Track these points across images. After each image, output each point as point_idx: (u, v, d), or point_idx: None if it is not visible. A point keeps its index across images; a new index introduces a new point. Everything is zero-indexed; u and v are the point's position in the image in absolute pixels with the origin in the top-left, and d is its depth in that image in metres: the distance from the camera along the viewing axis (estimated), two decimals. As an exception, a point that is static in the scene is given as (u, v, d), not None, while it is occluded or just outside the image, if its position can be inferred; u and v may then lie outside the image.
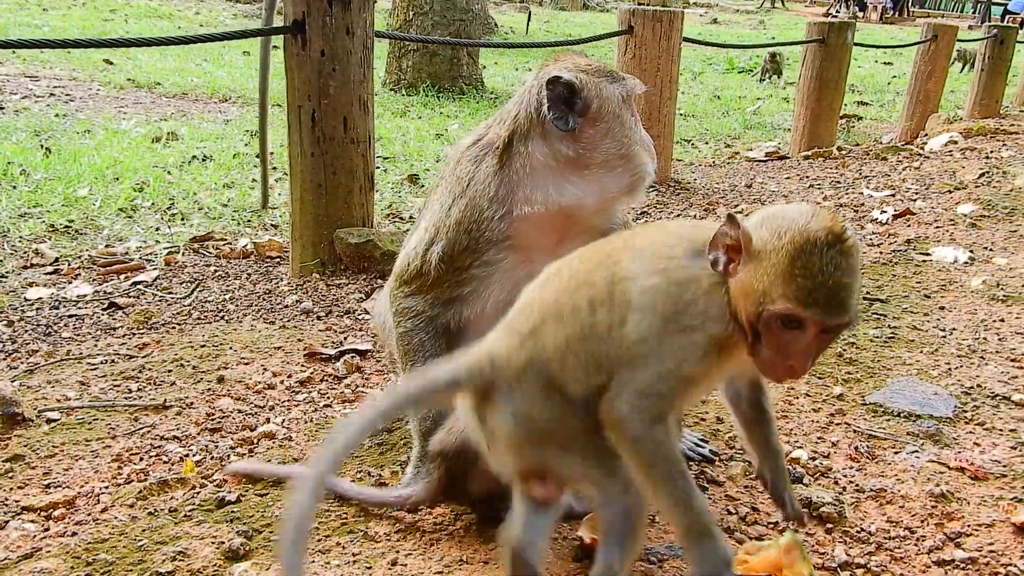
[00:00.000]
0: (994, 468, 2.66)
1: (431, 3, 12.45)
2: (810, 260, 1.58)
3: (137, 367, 3.58)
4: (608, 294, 1.74)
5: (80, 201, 6.29)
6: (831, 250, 1.59)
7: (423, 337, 2.48)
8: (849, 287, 1.61)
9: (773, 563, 2.05)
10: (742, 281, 1.64)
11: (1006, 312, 4.07)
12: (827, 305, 1.59)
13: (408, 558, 2.11)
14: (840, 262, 1.59)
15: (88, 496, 2.51)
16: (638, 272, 1.73)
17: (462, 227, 2.39)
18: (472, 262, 2.39)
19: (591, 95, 2.34)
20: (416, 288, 2.49)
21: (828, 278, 1.58)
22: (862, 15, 34.83)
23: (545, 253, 2.37)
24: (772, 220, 1.65)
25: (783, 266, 1.59)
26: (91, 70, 12.01)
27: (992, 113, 12.50)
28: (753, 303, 1.62)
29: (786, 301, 1.59)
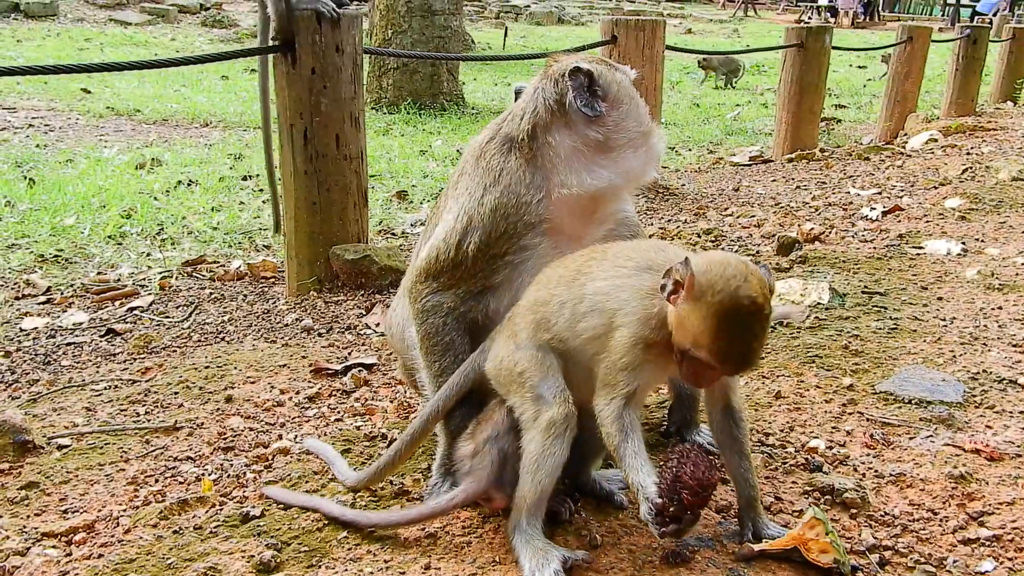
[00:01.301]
0: (1009, 449, 2.69)
1: (409, 22, 12.52)
2: (732, 325, 1.91)
3: (142, 391, 3.55)
4: (579, 295, 2.17)
5: (68, 230, 6.24)
6: (751, 317, 1.92)
7: (453, 335, 2.46)
8: (759, 348, 1.97)
9: (797, 538, 2.07)
10: (679, 315, 1.97)
11: (1003, 300, 4.12)
12: (739, 362, 1.98)
13: (441, 562, 2.10)
14: (755, 328, 1.94)
15: (107, 520, 2.48)
16: (596, 275, 2.17)
17: (499, 213, 2.39)
18: (508, 248, 2.40)
19: (609, 81, 2.46)
20: (445, 282, 2.46)
21: (743, 342, 1.94)
22: (833, 21, 35.28)
23: (574, 238, 2.43)
24: (713, 272, 1.93)
25: (710, 323, 1.91)
26: (69, 100, 11.95)
27: (968, 111, 12.69)
28: (682, 338, 1.98)
29: (706, 353, 1.94)
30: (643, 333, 2.04)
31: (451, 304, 2.46)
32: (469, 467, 2.21)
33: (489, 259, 2.41)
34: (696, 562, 2.10)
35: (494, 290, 2.44)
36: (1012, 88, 14.97)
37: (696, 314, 1.92)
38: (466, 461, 2.23)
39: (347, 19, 4.58)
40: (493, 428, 2.22)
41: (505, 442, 2.19)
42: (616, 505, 2.37)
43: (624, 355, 2.06)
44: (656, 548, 2.15)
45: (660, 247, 2.23)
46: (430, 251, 2.50)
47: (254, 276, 5.42)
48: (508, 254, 2.40)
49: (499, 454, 2.17)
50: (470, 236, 2.41)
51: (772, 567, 2.09)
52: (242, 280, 5.38)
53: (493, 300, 2.45)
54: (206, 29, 21.74)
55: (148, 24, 21.59)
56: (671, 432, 2.78)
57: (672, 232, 5.63)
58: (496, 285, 2.44)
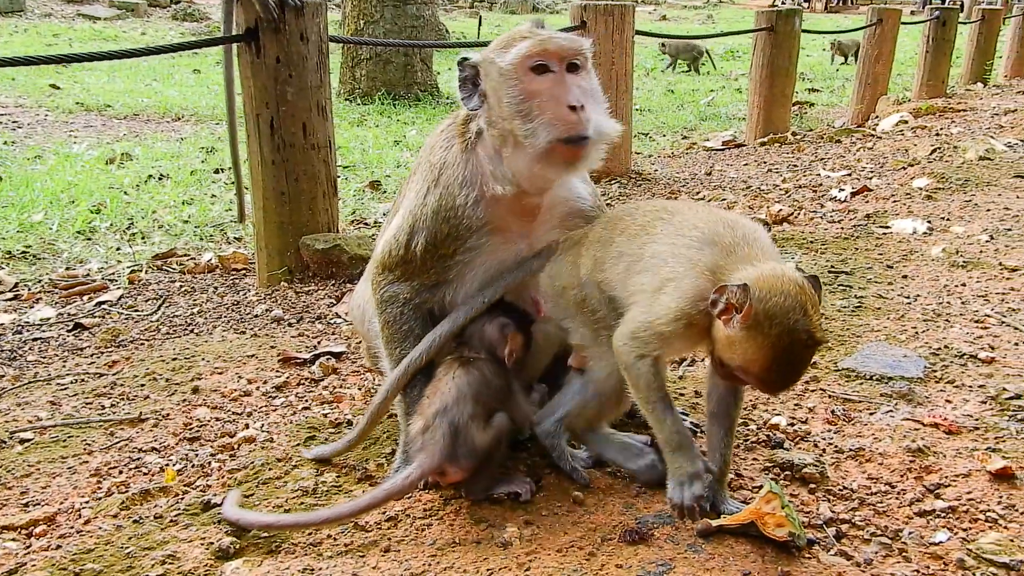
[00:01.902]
0: (967, 422, 2.73)
1: (381, 11, 12.44)
2: (785, 358, 1.91)
3: (108, 384, 3.52)
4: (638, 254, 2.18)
5: (36, 226, 6.17)
6: (805, 351, 1.92)
7: (411, 324, 2.47)
8: (803, 374, 2.00)
9: (754, 512, 2.11)
10: (729, 335, 1.95)
11: (966, 277, 4.17)
12: (781, 388, 2.02)
13: (400, 544, 2.11)
14: (806, 359, 1.95)
15: (69, 512, 2.47)
16: (659, 238, 2.16)
17: (439, 216, 2.39)
18: (456, 249, 2.40)
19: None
20: (400, 275, 2.48)
21: (792, 374, 1.96)
22: (807, 5, 35.45)
23: (523, 233, 2.40)
24: (772, 303, 1.89)
25: (764, 354, 1.90)
26: (38, 96, 11.81)
27: (939, 93, 12.80)
28: (729, 357, 1.98)
29: (754, 379, 1.98)
30: (688, 311, 2.02)
31: (407, 295, 2.48)
32: (421, 443, 2.20)
33: (438, 258, 2.42)
34: (655, 539, 2.12)
35: (448, 283, 2.46)
36: (982, 69, 15.12)
37: (749, 342, 1.91)
38: (418, 438, 2.22)
39: (311, 7, 4.54)
40: (441, 400, 2.22)
41: (455, 413, 2.19)
42: (580, 483, 2.38)
43: (665, 323, 2.04)
44: (617, 526, 2.17)
45: (730, 222, 2.14)
46: (384, 246, 2.53)
47: (225, 268, 5.39)
48: (457, 254, 2.41)
49: (449, 427, 2.17)
50: (416, 237, 2.42)
51: (730, 541, 2.11)
52: (213, 272, 5.35)
53: (449, 292, 2.47)
54: (176, 23, 21.53)
55: (117, 19, 21.36)
56: (635, 412, 2.78)
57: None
58: (450, 279, 2.46)
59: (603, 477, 2.41)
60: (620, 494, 2.33)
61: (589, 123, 2.22)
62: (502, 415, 2.27)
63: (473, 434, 2.19)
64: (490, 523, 2.16)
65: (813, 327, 1.90)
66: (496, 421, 2.25)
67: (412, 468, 2.18)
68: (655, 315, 2.05)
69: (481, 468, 2.22)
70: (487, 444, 2.20)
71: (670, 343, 2.07)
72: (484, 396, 2.26)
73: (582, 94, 2.24)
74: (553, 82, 2.24)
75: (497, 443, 2.23)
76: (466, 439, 2.16)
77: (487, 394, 2.27)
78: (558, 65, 2.25)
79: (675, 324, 2.02)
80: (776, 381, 1.97)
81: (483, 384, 2.28)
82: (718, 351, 2.01)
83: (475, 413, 2.21)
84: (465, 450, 2.16)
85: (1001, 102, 11.33)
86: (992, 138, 7.84)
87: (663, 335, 2.05)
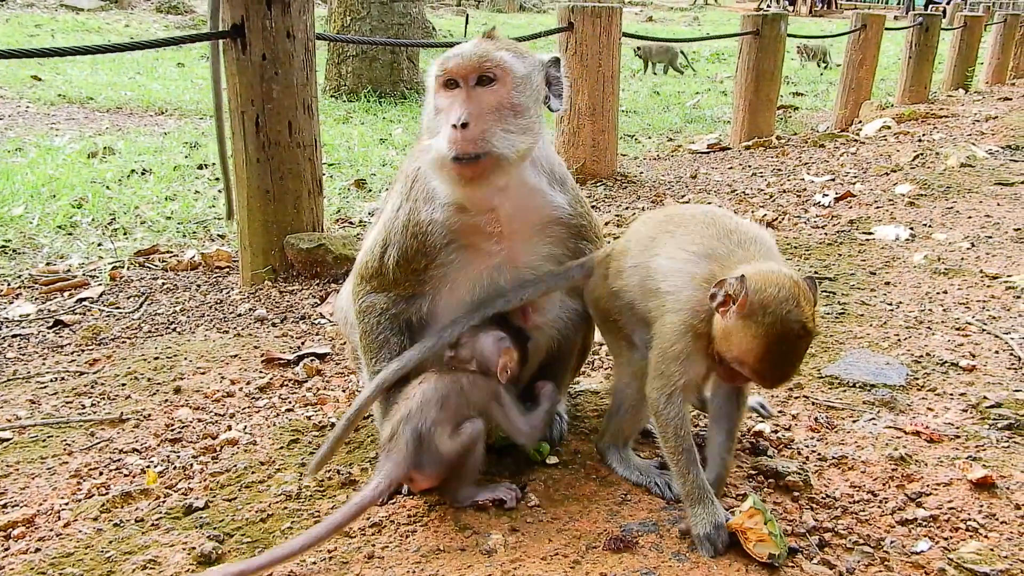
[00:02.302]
0: (948, 430, 2.75)
1: (368, 8, 12.38)
2: (778, 348, 1.96)
3: (89, 383, 3.49)
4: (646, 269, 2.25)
5: (15, 220, 6.10)
6: (798, 341, 1.97)
7: (387, 334, 2.47)
8: (798, 367, 2.04)
9: (736, 526, 2.11)
10: (727, 326, 2.01)
11: (948, 284, 4.21)
12: (777, 381, 2.08)
13: (384, 551, 2.10)
14: (800, 349, 1.99)
15: (48, 513, 2.44)
16: (661, 252, 2.23)
17: (408, 232, 2.39)
18: (427, 264, 2.40)
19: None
20: (376, 286, 2.49)
21: (786, 365, 2.00)
22: (792, 9, 35.66)
23: (496, 247, 2.38)
24: (767, 293, 1.96)
25: (757, 344, 1.95)
26: (19, 87, 11.67)
27: (922, 98, 12.90)
28: (726, 349, 2.03)
29: (748, 370, 2.01)
30: (692, 322, 2.09)
31: (384, 305, 2.48)
32: (387, 451, 2.19)
33: (411, 272, 2.42)
34: (640, 547, 2.12)
35: (424, 296, 2.46)
36: (964, 76, 15.26)
37: (744, 332, 1.97)
38: (385, 445, 2.21)
39: (298, 4, 4.51)
40: (406, 406, 2.20)
41: (418, 420, 2.16)
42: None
43: (675, 343, 2.11)
44: (601, 534, 2.17)
45: (729, 230, 2.20)
46: (362, 256, 2.55)
47: (208, 266, 5.35)
48: (429, 269, 2.40)
49: (412, 433, 2.15)
50: (389, 251, 2.43)
51: (714, 550, 2.12)
52: (195, 270, 5.30)
53: (426, 304, 2.47)
54: (161, 15, 21.35)
55: (101, 10, 21.15)
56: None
57: (629, 219, 5.65)
58: (425, 292, 2.45)
59: (588, 484, 2.41)
60: (605, 501, 2.33)
61: (471, 141, 2.15)
62: (473, 423, 2.23)
63: (438, 441, 2.15)
64: (475, 530, 2.16)
65: (806, 318, 1.96)
66: (466, 429, 2.20)
67: (379, 479, 2.14)
68: (665, 341, 2.14)
69: (453, 475, 2.20)
70: (454, 452, 2.17)
71: (688, 363, 2.12)
72: (453, 403, 2.22)
73: (478, 110, 2.19)
74: (454, 98, 2.23)
75: (466, 451, 2.19)
76: (430, 446, 2.14)
77: (457, 401, 2.23)
78: (463, 80, 2.23)
79: (683, 339, 2.10)
80: (770, 372, 2.01)
81: (453, 391, 2.25)
82: (716, 346, 2.05)
83: (440, 419, 2.17)
84: (430, 457, 2.14)
85: (982, 108, 11.44)
86: (973, 145, 7.91)
87: (676, 355, 2.12)
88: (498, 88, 2.23)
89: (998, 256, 4.62)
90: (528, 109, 2.26)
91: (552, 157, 2.50)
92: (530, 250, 2.46)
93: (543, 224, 2.46)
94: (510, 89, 2.24)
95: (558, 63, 2.39)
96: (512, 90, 2.24)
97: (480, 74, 2.22)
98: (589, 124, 7.34)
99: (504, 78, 2.24)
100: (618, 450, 2.48)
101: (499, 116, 2.21)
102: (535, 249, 2.47)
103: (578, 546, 2.12)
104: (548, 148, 2.50)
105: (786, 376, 2.05)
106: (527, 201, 2.40)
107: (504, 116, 2.21)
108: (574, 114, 7.33)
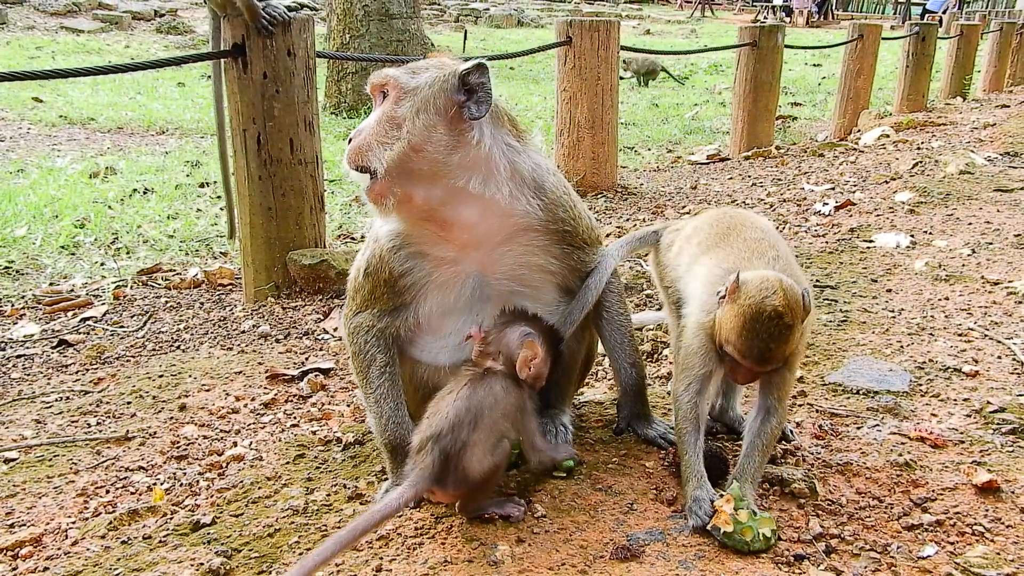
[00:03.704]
0: (952, 435, 2.75)
1: (367, 26, 12.47)
2: (752, 326, 2.21)
3: (94, 402, 3.50)
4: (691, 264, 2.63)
5: (19, 241, 6.13)
6: (770, 322, 2.19)
7: (374, 351, 2.50)
8: (776, 349, 2.23)
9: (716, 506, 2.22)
10: (720, 317, 2.29)
11: (949, 291, 4.22)
12: (756, 358, 2.24)
13: (392, 563, 2.10)
14: (773, 331, 2.20)
15: (55, 532, 2.45)
16: (702, 261, 2.57)
17: (374, 243, 2.50)
18: (391, 274, 2.45)
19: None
20: (361, 304, 2.54)
21: (760, 341, 2.21)
22: (788, 20, 35.81)
23: (451, 254, 2.43)
24: (751, 284, 2.24)
25: (736, 323, 2.23)
26: (20, 109, 11.73)
27: (919, 107, 12.95)
28: (719, 336, 2.31)
29: (732, 349, 2.27)
30: (703, 321, 2.38)
31: (370, 323, 2.51)
32: (413, 463, 2.19)
33: (382, 284, 2.48)
34: (647, 556, 2.13)
35: (407, 307, 2.50)
36: (961, 84, 15.31)
37: (729, 314, 2.25)
38: (413, 456, 2.21)
39: (298, 23, 4.55)
40: (437, 425, 2.18)
41: (448, 441, 2.13)
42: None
43: (693, 339, 2.40)
44: (608, 543, 2.17)
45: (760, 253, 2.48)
46: (349, 277, 2.63)
47: (211, 283, 5.37)
48: (397, 280, 2.46)
49: (440, 454, 2.13)
50: (362, 264, 2.53)
51: (721, 558, 2.13)
52: (198, 288, 5.32)
53: (411, 314, 2.50)
54: (161, 36, 21.45)
55: (101, 31, 21.25)
56: (622, 429, 2.79)
57: (628, 231, 5.67)
58: (407, 303, 2.49)
59: (594, 494, 2.42)
60: (611, 511, 2.33)
61: (353, 152, 2.32)
62: (506, 443, 2.21)
63: (466, 463, 2.13)
64: (482, 542, 2.16)
65: (780, 304, 2.19)
66: (499, 449, 2.18)
67: (404, 489, 2.13)
68: (687, 339, 2.44)
69: (476, 491, 2.20)
70: (483, 474, 2.15)
71: (702, 358, 2.38)
72: (487, 420, 2.18)
73: (364, 125, 2.35)
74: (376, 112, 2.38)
75: (494, 472, 2.18)
76: (457, 468, 2.12)
77: (491, 417, 2.19)
78: (376, 98, 2.40)
79: (700, 334, 2.38)
80: (749, 350, 2.22)
81: (487, 406, 2.20)
82: (716, 338, 2.32)
83: (474, 441, 2.14)
84: (456, 478, 2.12)
85: (980, 116, 11.47)
86: (972, 152, 7.93)
87: (695, 352, 2.39)
88: (384, 103, 2.36)
89: (999, 262, 4.63)
90: (405, 119, 2.31)
91: (526, 163, 2.48)
92: (503, 258, 2.47)
93: (513, 232, 2.45)
94: (391, 102, 2.34)
95: (483, 69, 2.34)
96: (392, 103, 2.33)
97: (380, 92, 2.39)
98: (588, 137, 7.37)
99: (391, 93, 2.35)
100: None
101: (377, 129, 2.32)
102: (511, 257, 2.47)
103: (585, 556, 2.12)
104: (519, 155, 2.47)
105: (764, 355, 2.23)
106: (482, 209, 2.39)
107: (381, 129, 2.32)
108: (573, 127, 7.37)
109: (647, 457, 2.63)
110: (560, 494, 2.41)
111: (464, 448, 2.13)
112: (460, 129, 2.34)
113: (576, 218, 2.57)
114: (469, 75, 2.33)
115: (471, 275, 2.45)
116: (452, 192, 2.35)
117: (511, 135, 2.48)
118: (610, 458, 2.63)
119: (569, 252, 2.56)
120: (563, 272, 2.59)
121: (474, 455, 2.13)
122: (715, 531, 2.19)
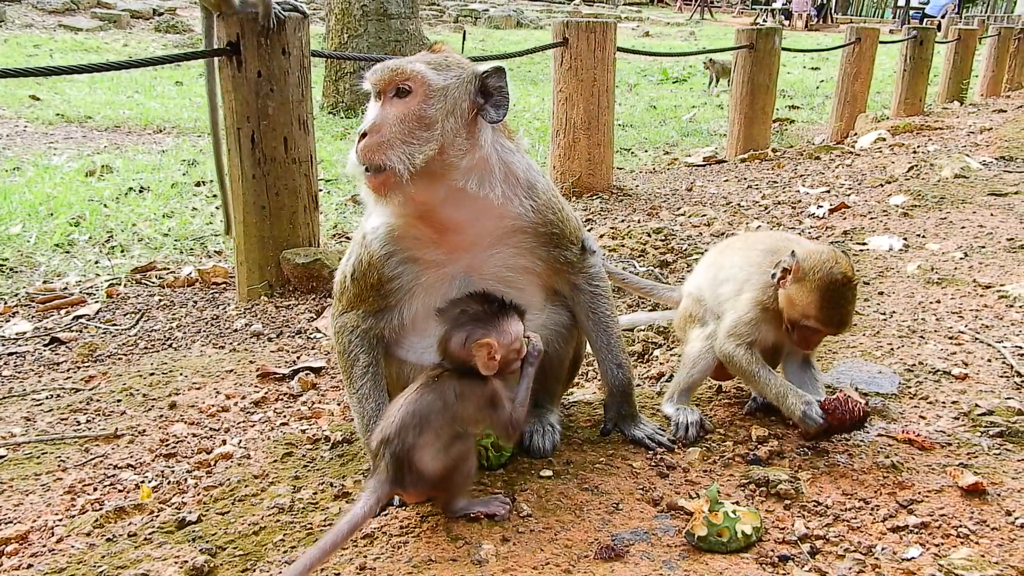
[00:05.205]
0: (939, 438, 2.75)
1: (365, 25, 12.46)
2: (831, 295, 2.56)
3: (84, 399, 3.50)
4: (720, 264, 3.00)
5: (13, 239, 6.12)
6: (844, 288, 2.57)
7: (357, 352, 2.51)
8: (852, 311, 2.64)
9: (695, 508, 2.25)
10: (788, 295, 2.64)
11: (941, 294, 4.22)
12: (839, 324, 2.64)
13: (376, 562, 2.10)
14: (848, 295, 2.60)
15: (41, 530, 2.45)
16: (735, 253, 2.98)
17: (360, 244, 2.48)
18: (380, 278, 2.44)
19: None
20: (347, 305, 2.54)
21: (840, 308, 2.59)
22: (788, 23, 35.85)
23: (441, 256, 2.42)
24: (812, 259, 2.59)
25: (815, 296, 2.57)
26: (17, 107, 11.72)
27: (916, 111, 12.96)
28: (792, 312, 2.65)
29: (815, 321, 2.62)
30: (761, 298, 2.73)
31: (355, 323, 2.52)
32: (372, 467, 2.19)
33: (368, 287, 2.47)
34: (631, 556, 2.13)
35: (392, 309, 2.50)
36: (958, 88, 15.33)
37: (803, 291, 2.58)
38: (371, 461, 2.21)
39: (293, 22, 4.56)
40: (385, 429, 2.17)
41: (396, 445, 2.12)
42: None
43: (748, 311, 2.75)
44: (592, 543, 2.18)
45: (786, 239, 2.93)
46: (336, 276, 2.62)
47: (205, 282, 5.37)
48: (384, 283, 2.44)
49: (391, 458, 2.12)
50: (349, 266, 2.52)
51: (705, 559, 2.13)
52: (192, 286, 5.32)
53: (396, 317, 2.50)
54: (160, 34, 21.43)
55: (99, 30, 21.22)
56: (609, 430, 2.79)
57: (623, 231, 5.67)
58: (392, 305, 2.49)
59: (580, 494, 2.42)
60: (597, 511, 2.33)
61: (369, 150, 2.23)
62: (463, 442, 2.19)
63: (419, 464, 2.12)
64: (466, 540, 2.16)
65: (847, 269, 2.57)
66: (454, 448, 2.17)
67: (366, 498, 2.12)
68: (741, 311, 2.77)
69: (441, 489, 2.19)
70: (437, 473, 2.14)
71: (756, 327, 2.75)
72: (435, 423, 2.16)
73: (381, 121, 2.26)
74: (372, 108, 2.33)
75: (451, 470, 2.16)
76: (411, 469, 2.11)
77: (440, 421, 2.17)
78: (382, 92, 2.31)
79: (755, 310, 2.74)
80: (832, 317, 2.58)
81: (435, 410, 2.18)
82: (787, 315, 2.66)
83: (421, 443, 2.13)
84: (412, 478, 2.12)
85: (977, 120, 11.49)
86: (967, 156, 7.94)
87: (749, 321, 2.75)
88: (408, 100, 2.28)
89: (991, 266, 4.64)
90: (436, 121, 2.28)
91: (520, 164, 2.47)
92: (493, 260, 2.46)
93: (503, 233, 2.45)
94: (420, 101, 2.28)
95: (501, 73, 2.36)
96: (421, 102, 2.28)
97: (396, 86, 2.29)
98: (585, 138, 7.38)
99: (417, 90, 2.28)
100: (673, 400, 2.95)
101: (401, 128, 2.25)
102: (499, 259, 2.47)
103: (569, 555, 2.12)
104: (513, 156, 2.47)
105: (845, 318, 2.61)
106: (476, 210, 2.39)
107: (407, 128, 2.25)
108: (570, 128, 7.38)
109: (634, 457, 2.63)
110: (546, 493, 2.41)
111: (412, 450, 2.11)
112: (473, 131, 2.35)
113: (564, 220, 2.58)
114: (488, 78, 2.35)
115: (457, 276, 2.45)
116: (450, 192, 2.35)
117: (504, 135, 2.50)
118: (597, 458, 2.63)
119: (556, 254, 2.56)
120: (547, 273, 2.59)
121: (425, 456, 2.12)
122: (689, 537, 2.18)
